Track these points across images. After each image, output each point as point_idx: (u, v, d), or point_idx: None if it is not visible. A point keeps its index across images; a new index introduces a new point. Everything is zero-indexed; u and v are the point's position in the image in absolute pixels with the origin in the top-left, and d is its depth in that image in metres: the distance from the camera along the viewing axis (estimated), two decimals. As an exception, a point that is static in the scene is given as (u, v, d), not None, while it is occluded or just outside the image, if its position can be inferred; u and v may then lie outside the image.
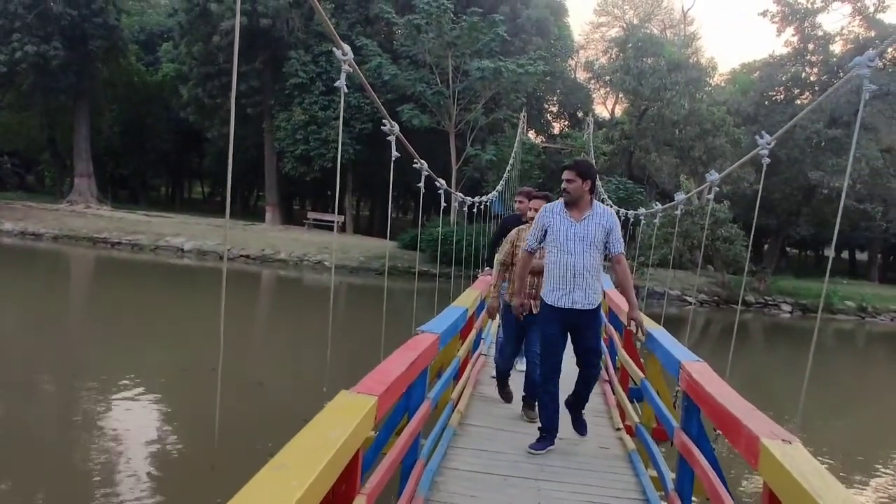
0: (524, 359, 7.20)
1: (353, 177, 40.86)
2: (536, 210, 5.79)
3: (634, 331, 5.26)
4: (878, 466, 11.31)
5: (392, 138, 5.08)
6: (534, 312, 5.70)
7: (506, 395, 6.38)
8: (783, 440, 2.52)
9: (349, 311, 21.76)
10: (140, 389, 11.07)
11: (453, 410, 5.60)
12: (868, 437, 13.69)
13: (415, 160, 6.82)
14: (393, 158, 5.13)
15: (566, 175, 4.93)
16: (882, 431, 14.21)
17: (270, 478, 1.81)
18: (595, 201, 5.00)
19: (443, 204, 9.36)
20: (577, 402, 5.39)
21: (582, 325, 4.99)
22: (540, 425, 5.23)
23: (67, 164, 46.41)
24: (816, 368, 18.52)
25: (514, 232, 6.21)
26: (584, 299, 4.89)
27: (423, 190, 7.26)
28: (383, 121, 5.03)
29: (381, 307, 6.49)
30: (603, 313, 5.31)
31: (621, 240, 5.00)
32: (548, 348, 5.07)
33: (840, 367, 21.28)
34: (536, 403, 5.72)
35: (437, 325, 4.38)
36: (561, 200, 5.03)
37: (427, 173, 7.24)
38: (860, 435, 13.78)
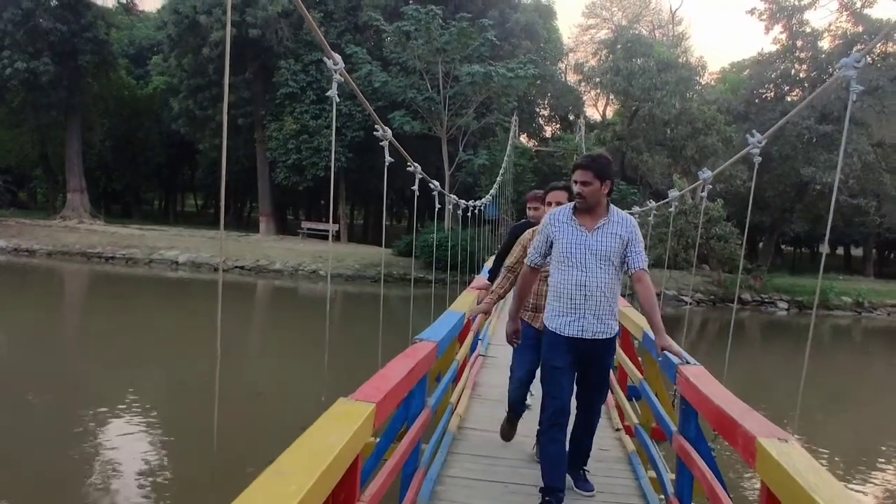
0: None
1: (346, 185, 40.84)
2: (559, 204, 4.64)
3: (658, 356, 4.34)
4: (877, 462, 11.32)
5: (385, 144, 5.05)
6: (535, 327, 4.82)
7: (507, 434, 5.32)
8: (779, 439, 2.53)
9: (346, 319, 21.73)
10: (138, 402, 11.05)
11: (452, 415, 5.59)
12: (867, 432, 13.71)
13: (408, 164, 6.81)
14: (386, 164, 5.12)
15: (580, 176, 3.96)
16: (881, 426, 14.23)
17: (269, 483, 1.81)
18: (612, 206, 4.11)
19: (437, 206, 9.36)
20: (578, 454, 4.46)
21: (592, 359, 4.11)
22: (542, 485, 4.19)
23: (60, 179, 46.41)
24: (814, 365, 18.49)
25: (527, 233, 5.21)
26: (596, 326, 3.99)
27: (417, 192, 7.25)
28: (375, 127, 5.02)
29: (377, 315, 6.47)
30: (616, 344, 4.48)
31: (643, 253, 4.09)
32: (552, 386, 4.12)
33: (838, 362, 21.31)
34: (514, 421, 5.18)
35: (434, 332, 4.36)
36: (569, 205, 4.14)
37: (421, 176, 7.24)
38: (859, 430, 13.80)
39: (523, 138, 47.39)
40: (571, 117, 49.30)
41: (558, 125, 51.56)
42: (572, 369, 4.11)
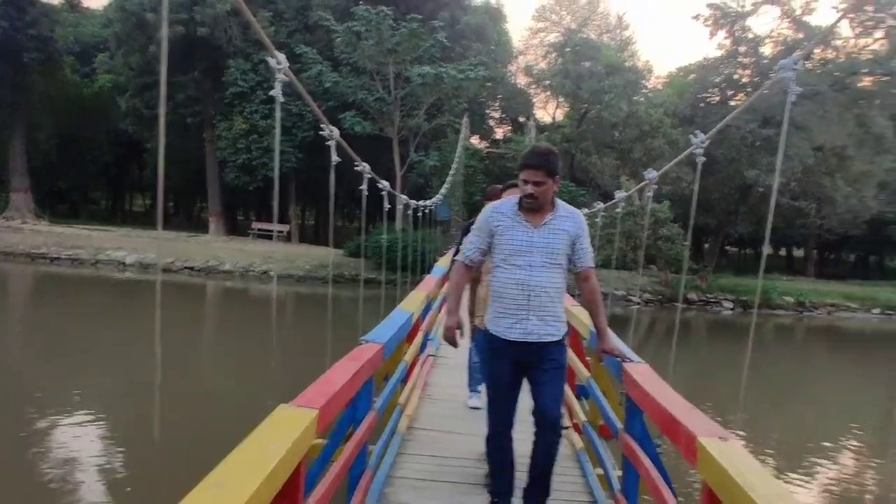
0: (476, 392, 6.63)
1: (297, 185, 40.54)
2: None
3: (601, 360, 4.30)
4: (818, 458, 11.59)
5: (332, 143, 5.02)
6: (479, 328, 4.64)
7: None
8: (720, 438, 2.57)
9: (296, 320, 21.55)
10: (84, 406, 10.80)
11: (401, 415, 5.57)
12: (809, 429, 14.03)
13: (356, 163, 6.78)
14: (333, 164, 5.08)
15: (529, 175, 3.67)
16: (822, 423, 14.57)
17: (205, 495, 1.76)
18: (558, 201, 3.85)
19: (386, 206, 9.35)
20: (539, 489, 3.94)
21: (539, 365, 3.78)
22: (490, 488, 4.08)
23: (4, 179, 45.17)
24: (758, 363, 18.93)
25: None
26: (541, 329, 3.72)
27: (365, 192, 7.24)
28: (322, 126, 4.98)
29: (328, 316, 6.43)
30: (568, 347, 4.17)
31: (590, 250, 3.88)
32: (496, 396, 3.90)
33: (781, 361, 21.79)
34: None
35: (381, 333, 4.32)
36: (513, 198, 3.87)
37: (370, 176, 7.22)
38: (801, 427, 14.11)
39: (474, 140, 47.53)
40: (522, 119, 49.59)
41: (509, 127, 51.81)
42: (516, 375, 3.83)
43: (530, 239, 3.71)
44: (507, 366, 3.79)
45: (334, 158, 5.06)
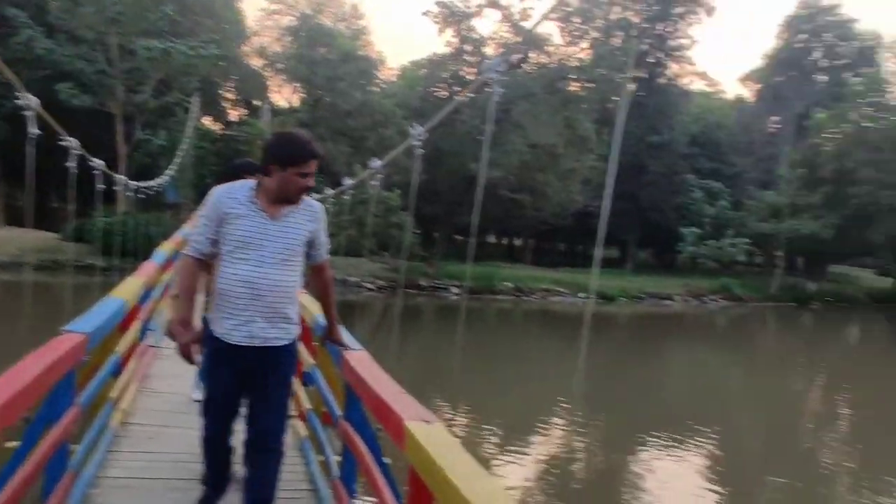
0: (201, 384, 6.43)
1: (3, 161, 36.44)
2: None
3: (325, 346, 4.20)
4: (531, 432, 12.53)
5: (30, 114, 4.56)
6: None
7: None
8: (425, 421, 2.67)
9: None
10: None
11: (113, 410, 5.21)
12: (524, 405, 15.12)
13: (61, 138, 6.25)
14: (31, 136, 4.62)
15: (313, 167, 3.33)
16: (536, 399, 15.74)
17: None
18: None
19: (99, 186, 8.72)
20: None
21: (262, 377, 3.42)
22: (203, 477, 3.85)
23: None
24: (481, 344, 20.11)
25: None
26: (267, 332, 3.35)
27: (74, 170, 6.72)
28: (17, 94, 4.50)
29: (39, 307, 5.85)
30: (298, 351, 3.81)
31: (327, 241, 3.62)
32: (214, 401, 3.56)
33: (501, 341, 23.32)
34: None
35: (86, 322, 3.97)
36: (249, 183, 3.43)
37: (78, 153, 6.69)
38: (517, 404, 15.16)
39: (206, 121, 45.69)
40: (257, 102, 48.46)
41: (244, 110, 50.36)
42: (238, 381, 3.44)
43: (264, 231, 3.31)
44: (228, 371, 3.41)
45: (32, 131, 4.61)
